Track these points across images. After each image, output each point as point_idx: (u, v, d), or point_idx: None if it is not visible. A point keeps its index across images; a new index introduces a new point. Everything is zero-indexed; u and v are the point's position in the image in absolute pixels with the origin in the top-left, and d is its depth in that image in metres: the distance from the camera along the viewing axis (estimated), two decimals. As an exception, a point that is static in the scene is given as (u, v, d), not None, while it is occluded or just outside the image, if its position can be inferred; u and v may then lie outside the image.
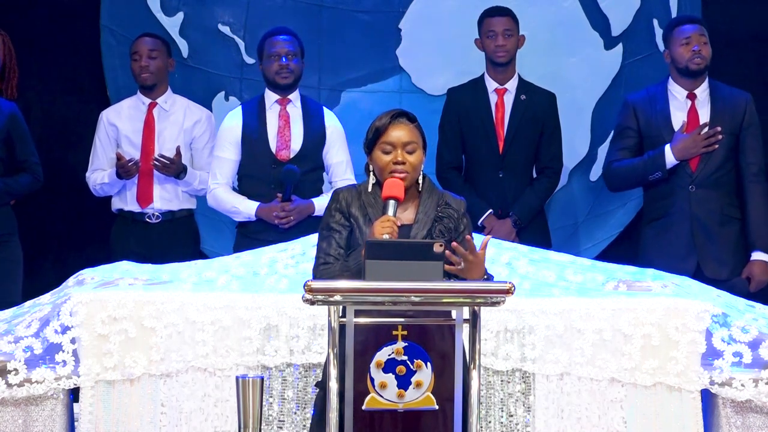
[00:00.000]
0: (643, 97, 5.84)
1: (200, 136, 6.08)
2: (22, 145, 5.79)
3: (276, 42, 5.85)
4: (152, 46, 6.02)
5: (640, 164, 5.74)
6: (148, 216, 5.98)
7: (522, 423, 4.50)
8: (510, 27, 6.04)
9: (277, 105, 5.88)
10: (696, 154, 5.66)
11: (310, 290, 3.56)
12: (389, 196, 3.93)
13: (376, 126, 4.02)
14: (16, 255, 5.80)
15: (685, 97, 5.75)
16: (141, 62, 6.00)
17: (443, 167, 6.03)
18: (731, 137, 5.69)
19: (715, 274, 5.58)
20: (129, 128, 6.03)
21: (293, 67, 5.84)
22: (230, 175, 5.89)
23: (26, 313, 4.55)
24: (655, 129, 5.75)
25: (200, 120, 6.09)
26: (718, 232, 5.66)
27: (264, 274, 4.78)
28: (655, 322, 4.47)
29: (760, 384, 4.42)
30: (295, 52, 5.85)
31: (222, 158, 5.87)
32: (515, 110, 6.07)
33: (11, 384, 4.38)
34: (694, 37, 5.68)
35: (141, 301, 4.49)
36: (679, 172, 5.69)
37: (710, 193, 5.67)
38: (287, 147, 5.83)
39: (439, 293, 3.61)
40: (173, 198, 6.01)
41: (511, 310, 4.44)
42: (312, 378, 4.48)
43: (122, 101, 6.18)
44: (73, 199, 6.50)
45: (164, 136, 6.02)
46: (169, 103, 6.08)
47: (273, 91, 5.88)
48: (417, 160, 4.01)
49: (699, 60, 5.69)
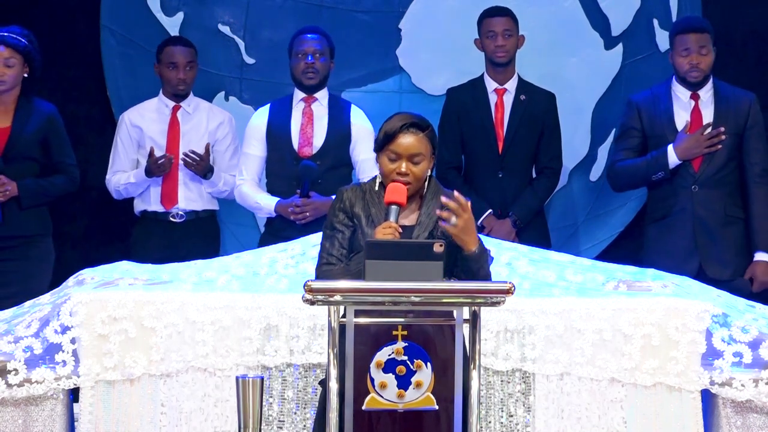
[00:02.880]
0: (647, 97, 5.83)
1: (222, 139, 6.13)
2: (59, 146, 5.81)
3: (304, 40, 5.87)
4: (190, 57, 6.09)
5: (643, 164, 5.73)
6: (173, 215, 6.01)
7: (522, 423, 4.50)
8: (510, 27, 6.04)
9: (302, 102, 5.92)
10: (699, 154, 5.66)
11: (310, 290, 3.56)
12: (391, 201, 3.93)
13: (385, 130, 4.00)
14: (48, 255, 5.80)
15: (689, 97, 5.75)
16: (179, 74, 6.05)
17: (443, 167, 6.03)
18: (735, 137, 5.69)
19: (718, 274, 5.58)
20: (154, 130, 6.06)
21: (319, 67, 5.86)
22: (256, 171, 5.93)
23: (26, 313, 4.55)
24: (659, 129, 5.75)
25: (223, 122, 6.15)
26: (720, 233, 5.65)
27: (264, 274, 4.78)
28: (655, 322, 4.47)
29: (760, 384, 4.41)
30: (323, 51, 5.87)
31: (248, 155, 5.92)
32: (515, 110, 6.07)
33: (11, 384, 4.38)
34: (693, 48, 5.67)
35: (141, 301, 4.48)
36: (682, 172, 5.68)
37: (713, 193, 5.67)
38: (309, 144, 5.85)
39: (439, 293, 3.62)
40: (197, 198, 6.05)
41: (511, 310, 4.44)
42: (312, 378, 4.48)
43: (143, 103, 6.19)
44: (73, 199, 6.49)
45: (188, 137, 6.06)
46: (192, 106, 6.13)
47: (300, 89, 5.91)
48: (421, 171, 3.99)
49: (696, 74, 5.68)
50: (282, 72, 6.53)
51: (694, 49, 5.67)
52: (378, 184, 4.06)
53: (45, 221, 5.82)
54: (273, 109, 5.95)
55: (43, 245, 5.78)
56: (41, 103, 5.81)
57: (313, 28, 5.99)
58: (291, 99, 5.95)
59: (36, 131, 5.72)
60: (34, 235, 5.75)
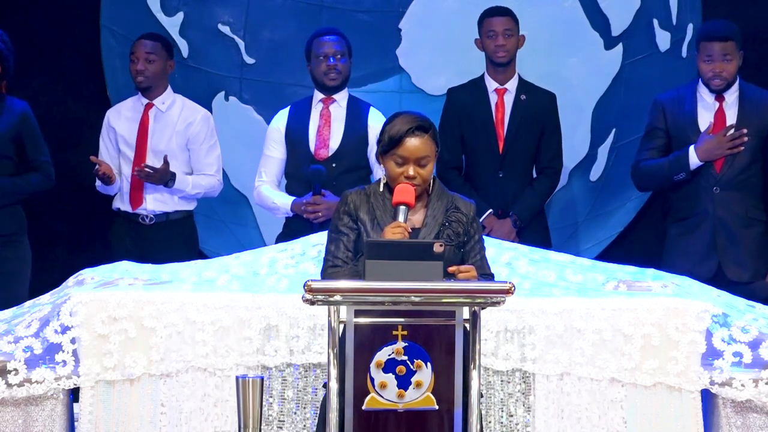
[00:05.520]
0: (672, 97, 5.82)
1: (195, 137, 6.03)
2: (33, 144, 5.78)
3: (324, 42, 5.86)
4: (150, 49, 5.99)
5: (665, 164, 5.71)
6: (141, 218, 5.97)
7: (522, 423, 4.50)
8: (510, 27, 6.04)
9: (320, 104, 5.92)
10: (720, 155, 5.63)
11: (310, 290, 3.56)
12: (400, 201, 3.92)
13: (390, 135, 3.99)
14: (24, 254, 5.78)
15: (714, 98, 5.73)
16: (137, 65, 5.97)
17: (443, 167, 6.03)
18: (758, 139, 5.65)
19: (737, 276, 5.55)
20: (125, 129, 6.02)
21: (341, 68, 5.86)
22: (276, 173, 5.93)
23: (26, 313, 4.55)
24: (682, 129, 5.72)
25: (195, 121, 6.03)
26: (741, 235, 5.61)
27: (264, 274, 4.78)
28: (655, 322, 4.47)
29: (760, 384, 4.42)
30: (343, 51, 5.87)
31: (268, 156, 5.92)
32: (515, 110, 6.07)
33: (11, 384, 4.38)
34: (717, 56, 5.63)
35: (141, 301, 4.48)
36: (704, 174, 5.65)
37: (734, 195, 5.64)
38: (326, 146, 5.85)
39: (439, 293, 3.62)
40: (167, 200, 5.99)
41: (511, 310, 4.44)
42: (312, 378, 4.48)
43: (125, 101, 6.17)
44: (73, 200, 6.50)
45: (156, 138, 5.99)
46: (166, 104, 6.05)
47: (320, 90, 5.90)
48: (428, 173, 4.00)
49: (719, 81, 5.65)
50: (282, 72, 6.54)
51: (718, 58, 5.64)
52: (383, 187, 4.06)
53: (20, 220, 5.78)
54: (293, 111, 5.94)
55: (20, 244, 5.76)
56: (14, 101, 5.77)
57: (331, 29, 5.97)
58: (310, 101, 5.94)
59: (9, 129, 5.70)
60: (10, 234, 5.72)
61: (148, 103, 6.04)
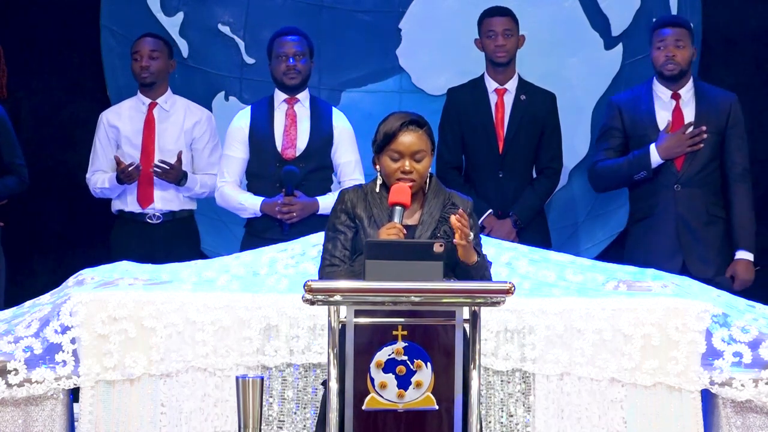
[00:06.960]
0: (628, 97, 5.86)
1: (200, 137, 6.07)
2: (7, 147, 5.80)
3: (284, 42, 5.85)
4: (154, 47, 6.01)
5: (625, 164, 5.74)
6: (149, 216, 5.97)
7: (522, 423, 4.50)
8: (510, 27, 6.04)
9: (284, 104, 5.90)
10: (681, 153, 5.67)
11: (310, 290, 3.56)
12: (396, 202, 3.92)
13: (384, 131, 4.01)
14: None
15: (670, 97, 5.76)
16: (142, 62, 5.99)
17: (443, 167, 6.03)
18: (716, 137, 5.70)
19: (701, 272, 5.56)
20: (129, 129, 6.02)
21: (301, 68, 5.85)
22: (238, 173, 5.90)
23: (26, 313, 4.55)
24: (641, 128, 5.76)
25: (200, 120, 6.07)
26: (703, 231, 5.66)
27: (264, 274, 4.78)
28: (655, 322, 4.47)
29: (760, 384, 4.42)
30: (303, 52, 5.86)
31: (230, 156, 5.88)
32: (515, 110, 6.07)
33: (11, 384, 4.38)
34: (669, 41, 5.68)
35: (141, 301, 4.48)
36: (664, 172, 5.69)
37: (695, 192, 5.68)
38: (293, 146, 5.83)
39: (439, 293, 3.62)
40: (174, 198, 6.00)
41: (511, 310, 4.44)
42: (312, 378, 4.48)
43: (122, 102, 6.17)
44: (73, 200, 6.50)
45: (164, 136, 6.01)
46: (169, 104, 6.07)
47: (281, 90, 5.89)
48: (424, 168, 4.01)
49: (672, 66, 5.69)
50: (282, 72, 6.52)
51: (670, 42, 5.68)
52: (379, 186, 4.06)
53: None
54: (255, 111, 5.91)
55: None
56: None
57: (292, 29, 5.95)
58: (272, 100, 5.91)
59: None
60: None
61: (151, 102, 6.04)
